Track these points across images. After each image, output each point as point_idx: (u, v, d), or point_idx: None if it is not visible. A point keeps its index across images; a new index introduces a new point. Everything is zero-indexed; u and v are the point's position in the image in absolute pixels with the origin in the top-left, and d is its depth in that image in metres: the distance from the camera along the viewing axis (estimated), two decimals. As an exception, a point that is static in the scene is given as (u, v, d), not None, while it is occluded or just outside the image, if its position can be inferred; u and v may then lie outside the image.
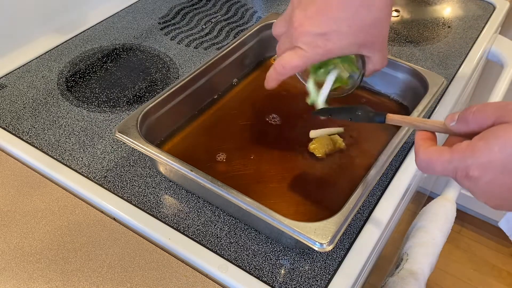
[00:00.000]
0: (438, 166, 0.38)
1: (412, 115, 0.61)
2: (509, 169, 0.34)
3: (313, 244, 0.47)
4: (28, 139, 0.66)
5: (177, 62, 0.80)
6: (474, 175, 0.36)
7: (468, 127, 0.38)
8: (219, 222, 0.57)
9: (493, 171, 0.35)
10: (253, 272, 0.52)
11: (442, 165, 0.38)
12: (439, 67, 0.81)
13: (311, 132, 0.65)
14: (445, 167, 0.38)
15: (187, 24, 0.90)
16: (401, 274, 0.61)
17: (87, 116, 0.70)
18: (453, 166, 0.37)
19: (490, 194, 0.37)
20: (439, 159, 0.38)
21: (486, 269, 1.46)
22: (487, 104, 0.37)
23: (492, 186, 0.36)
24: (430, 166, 0.39)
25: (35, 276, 0.51)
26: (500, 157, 0.34)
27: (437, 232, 0.66)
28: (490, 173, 0.35)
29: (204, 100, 0.71)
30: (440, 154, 0.38)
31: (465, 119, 0.38)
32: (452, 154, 0.37)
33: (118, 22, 0.89)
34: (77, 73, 0.77)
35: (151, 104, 0.61)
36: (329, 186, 0.61)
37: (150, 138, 0.59)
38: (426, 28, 0.91)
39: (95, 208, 0.58)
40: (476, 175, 0.36)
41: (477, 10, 0.97)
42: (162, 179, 0.61)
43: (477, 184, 0.36)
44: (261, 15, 0.93)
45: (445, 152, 0.38)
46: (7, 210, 0.57)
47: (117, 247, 0.54)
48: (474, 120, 0.38)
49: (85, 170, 0.62)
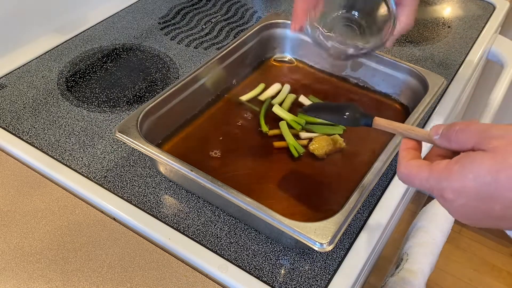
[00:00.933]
0: (416, 181, 0.39)
1: (412, 115, 0.61)
2: (482, 197, 0.34)
3: (313, 244, 0.47)
4: (28, 139, 0.66)
5: (177, 62, 0.80)
6: (448, 197, 0.36)
7: (450, 145, 0.39)
8: (219, 222, 0.57)
9: (466, 197, 0.35)
10: (253, 272, 0.52)
11: (420, 182, 0.39)
12: (439, 67, 0.81)
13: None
14: (422, 184, 0.39)
15: (187, 24, 0.90)
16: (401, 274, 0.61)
17: (87, 116, 0.70)
18: (429, 185, 0.38)
19: (464, 216, 0.37)
20: (418, 175, 0.39)
21: (486, 269, 1.46)
22: (470, 125, 0.37)
23: (465, 209, 0.36)
24: (409, 180, 0.40)
25: (35, 276, 0.51)
26: (474, 185, 0.35)
27: (437, 232, 0.66)
28: (463, 198, 0.35)
29: (204, 100, 0.71)
30: (419, 171, 0.39)
31: (447, 137, 0.39)
32: (429, 174, 0.38)
33: (118, 22, 0.89)
34: (77, 73, 0.77)
35: (151, 104, 0.61)
36: (329, 186, 0.61)
37: (150, 138, 0.59)
38: (426, 28, 0.91)
39: (95, 208, 0.58)
40: (450, 198, 0.36)
41: (477, 10, 0.97)
42: (162, 179, 0.61)
43: (452, 206, 0.37)
44: (261, 15, 0.93)
45: (424, 169, 0.38)
46: (7, 210, 0.57)
47: (117, 247, 0.54)
48: (455, 140, 0.38)
49: (85, 170, 0.62)
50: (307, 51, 0.78)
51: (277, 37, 0.79)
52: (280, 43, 0.79)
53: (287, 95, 0.72)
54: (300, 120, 0.67)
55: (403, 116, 0.70)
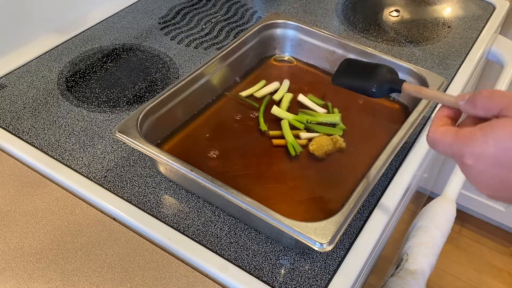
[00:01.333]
0: (441, 147, 0.40)
1: (412, 115, 0.61)
2: (502, 163, 0.35)
3: (313, 244, 0.47)
4: (28, 139, 0.66)
5: (177, 62, 0.80)
6: (468, 163, 0.37)
7: (476, 110, 0.39)
8: (219, 222, 0.57)
9: (486, 163, 0.36)
10: (253, 272, 0.52)
11: (444, 147, 0.40)
12: (439, 67, 0.81)
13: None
14: (446, 149, 0.40)
15: (187, 24, 0.90)
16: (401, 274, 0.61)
17: (87, 116, 0.70)
18: (452, 150, 0.39)
19: (482, 183, 0.38)
20: (442, 141, 0.40)
21: (486, 269, 1.46)
22: (496, 92, 0.38)
23: (484, 176, 0.37)
24: (434, 145, 0.41)
25: (35, 276, 0.51)
26: (494, 150, 0.35)
27: (437, 232, 0.66)
28: (482, 163, 0.36)
29: (204, 100, 0.71)
30: (444, 137, 0.40)
31: (473, 102, 0.39)
32: (453, 139, 0.39)
33: (118, 22, 0.89)
34: (77, 73, 0.77)
35: (151, 104, 0.61)
36: (329, 186, 0.61)
37: (150, 138, 0.59)
38: (426, 28, 0.91)
39: (95, 208, 0.58)
40: (470, 163, 0.37)
41: (477, 10, 0.97)
42: (162, 179, 0.61)
43: (470, 172, 0.38)
44: (261, 15, 0.93)
45: (449, 135, 0.39)
46: (7, 210, 0.57)
47: (117, 247, 0.54)
48: (480, 105, 0.39)
49: (85, 170, 0.62)
50: (307, 51, 0.79)
51: (277, 37, 0.79)
52: (280, 43, 0.79)
53: (284, 94, 0.72)
54: (301, 119, 0.67)
55: (403, 116, 0.70)
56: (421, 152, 0.66)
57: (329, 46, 0.76)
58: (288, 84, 0.74)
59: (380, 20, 0.93)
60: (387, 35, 0.89)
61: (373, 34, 0.89)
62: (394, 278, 0.60)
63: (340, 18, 0.93)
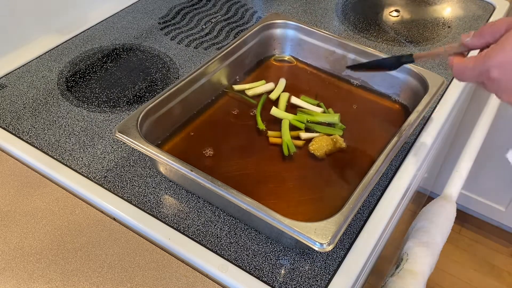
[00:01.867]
0: (467, 72, 0.43)
1: (412, 115, 0.62)
2: None
3: (313, 244, 0.47)
4: (28, 139, 0.66)
5: (177, 62, 0.80)
6: (494, 77, 0.40)
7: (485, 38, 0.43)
8: (219, 222, 0.57)
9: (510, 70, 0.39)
10: (253, 272, 0.52)
11: (469, 72, 0.43)
12: (439, 67, 0.81)
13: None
14: (471, 73, 0.43)
15: (187, 24, 0.90)
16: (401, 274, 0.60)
17: (87, 116, 0.70)
18: (477, 71, 0.42)
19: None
20: (467, 66, 0.43)
21: (486, 269, 1.45)
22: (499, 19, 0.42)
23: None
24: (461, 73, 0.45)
25: (35, 276, 0.51)
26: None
27: (437, 232, 0.66)
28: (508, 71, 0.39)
29: (204, 100, 0.71)
30: (467, 63, 0.43)
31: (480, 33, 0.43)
32: (475, 61, 0.42)
33: (118, 22, 0.89)
34: (77, 73, 0.77)
35: (151, 104, 0.61)
36: (329, 186, 0.61)
37: (150, 138, 0.59)
38: (426, 28, 0.91)
39: (95, 208, 0.58)
40: (496, 76, 0.40)
41: (477, 10, 0.97)
42: (162, 179, 0.61)
43: (500, 85, 0.40)
44: (261, 15, 0.93)
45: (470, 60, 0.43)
46: (7, 210, 0.57)
47: (117, 247, 0.54)
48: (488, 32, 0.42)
49: (85, 170, 0.62)
50: (307, 51, 0.79)
51: (277, 37, 0.79)
52: (280, 43, 0.79)
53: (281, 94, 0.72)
54: (301, 118, 0.67)
55: (403, 116, 0.70)
56: (421, 152, 0.66)
57: (329, 46, 0.76)
58: (284, 83, 0.74)
59: (380, 20, 0.93)
60: (387, 35, 0.89)
61: (373, 34, 0.89)
62: (394, 278, 0.60)
63: (340, 18, 0.93)
